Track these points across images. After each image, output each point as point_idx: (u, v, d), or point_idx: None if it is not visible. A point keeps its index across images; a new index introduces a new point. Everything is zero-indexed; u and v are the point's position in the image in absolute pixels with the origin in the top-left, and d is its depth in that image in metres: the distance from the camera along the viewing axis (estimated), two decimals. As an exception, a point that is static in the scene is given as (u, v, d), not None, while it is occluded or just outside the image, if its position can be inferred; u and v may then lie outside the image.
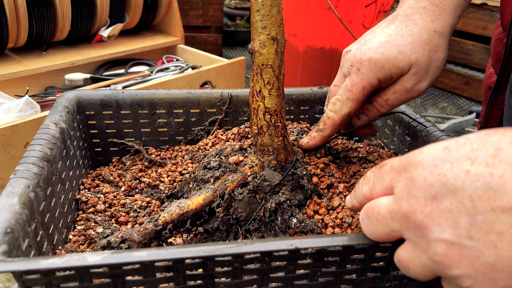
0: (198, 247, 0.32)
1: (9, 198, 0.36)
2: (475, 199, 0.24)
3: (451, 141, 0.27)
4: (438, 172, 0.26)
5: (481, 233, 0.24)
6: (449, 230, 0.25)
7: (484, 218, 0.24)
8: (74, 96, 0.57)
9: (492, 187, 0.23)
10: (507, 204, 0.23)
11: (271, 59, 0.40)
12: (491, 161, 0.24)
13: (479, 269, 0.24)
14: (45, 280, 0.31)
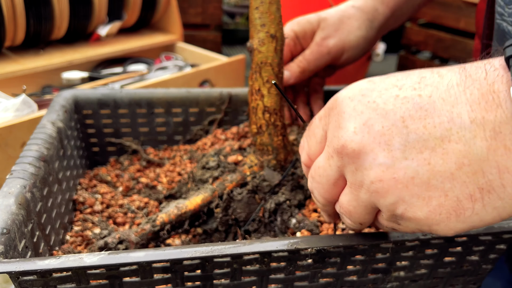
0: (196, 248, 0.31)
1: (5, 198, 0.36)
2: (407, 119, 0.24)
3: (375, 77, 0.27)
4: (367, 100, 0.26)
5: (414, 152, 0.24)
6: (383, 154, 0.24)
7: (417, 137, 0.24)
8: (71, 95, 0.57)
9: (422, 106, 0.24)
10: (438, 119, 0.23)
11: (270, 57, 0.39)
12: (418, 86, 0.25)
13: (413, 191, 0.24)
14: (41, 281, 0.31)
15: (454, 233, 0.25)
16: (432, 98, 0.24)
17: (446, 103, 0.23)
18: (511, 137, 0.22)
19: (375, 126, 0.25)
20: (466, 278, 0.43)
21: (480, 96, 0.23)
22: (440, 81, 0.24)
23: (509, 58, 0.23)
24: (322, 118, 0.29)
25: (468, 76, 0.24)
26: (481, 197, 0.23)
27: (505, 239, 0.40)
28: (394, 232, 0.35)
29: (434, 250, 0.38)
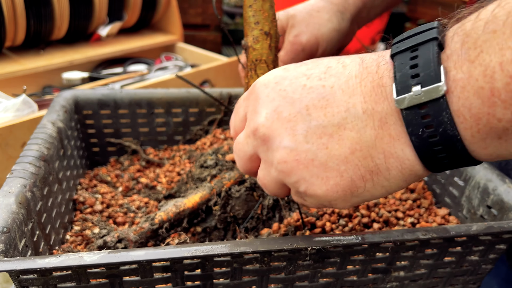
0: (196, 247, 0.31)
1: (6, 197, 0.36)
2: (310, 108, 0.27)
3: (291, 64, 0.30)
4: (279, 88, 0.28)
5: (315, 137, 0.27)
6: (288, 138, 0.27)
7: (318, 123, 0.26)
8: (71, 95, 0.57)
9: (324, 96, 0.27)
10: (337, 109, 0.26)
11: (264, 54, 0.40)
12: (323, 76, 0.27)
13: (313, 172, 0.27)
14: (42, 280, 0.31)
15: (350, 207, 0.29)
16: (334, 89, 0.26)
17: (344, 93, 0.26)
18: (395, 127, 0.25)
19: (283, 112, 0.28)
20: (466, 278, 0.43)
21: (371, 89, 0.25)
22: (342, 72, 0.27)
23: (393, 55, 0.25)
24: (244, 99, 0.32)
25: (365, 68, 0.26)
26: (371, 178, 0.26)
27: (504, 239, 0.40)
28: (393, 232, 0.35)
29: (434, 250, 0.38)
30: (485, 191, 0.45)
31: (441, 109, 0.23)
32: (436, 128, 0.23)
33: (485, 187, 0.46)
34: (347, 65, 0.27)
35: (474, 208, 0.47)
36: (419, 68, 0.23)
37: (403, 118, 0.24)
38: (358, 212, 0.48)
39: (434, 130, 0.23)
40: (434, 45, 0.23)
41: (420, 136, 0.24)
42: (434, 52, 0.23)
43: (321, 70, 0.28)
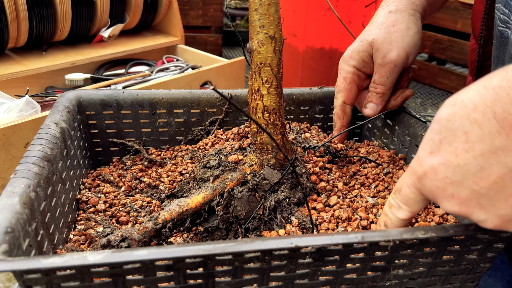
0: (198, 246, 0.32)
1: (10, 197, 0.36)
2: (479, 182, 0.28)
3: (430, 143, 0.31)
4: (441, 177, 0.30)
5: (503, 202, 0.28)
6: (482, 213, 0.30)
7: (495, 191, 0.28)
8: (74, 96, 0.57)
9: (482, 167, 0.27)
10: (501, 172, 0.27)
11: (269, 57, 0.40)
12: (467, 146, 0.28)
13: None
14: (45, 280, 0.31)
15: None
16: (485, 157, 0.27)
17: (498, 155, 0.27)
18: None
19: (460, 195, 0.30)
20: (464, 277, 0.44)
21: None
22: (482, 135, 0.27)
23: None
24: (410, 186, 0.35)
25: (503, 120, 0.26)
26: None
27: (503, 238, 0.40)
28: (393, 231, 0.35)
29: (433, 248, 0.39)
30: (484, 191, 0.46)
31: None
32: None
33: (483, 187, 0.46)
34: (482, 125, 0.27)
35: (473, 208, 0.48)
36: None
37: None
38: (357, 215, 0.49)
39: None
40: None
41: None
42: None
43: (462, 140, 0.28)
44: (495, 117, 0.26)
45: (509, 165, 0.26)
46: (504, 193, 0.27)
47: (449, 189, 0.30)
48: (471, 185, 0.28)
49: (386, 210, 0.38)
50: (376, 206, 0.51)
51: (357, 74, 0.58)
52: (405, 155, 0.62)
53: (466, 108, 0.28)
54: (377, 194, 0.54)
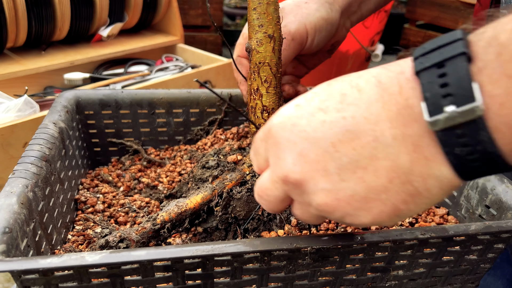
0: (197, 246, 0.32)
1: (8, 197, 0.36)
2: (337, 144, 0.26)
3: (300, 98, 0.28)
4: (298, 129, 0.27)
5: (349, 173, 0.26)
6: (322, 180, 0.26)
7: (349, 159, 0.25)
8: (73, 95, 0.57)
9: (348, 129, 0.25)
10: (365, 140, 0.25)
11: (268, 57, 0.40)
12: (340, 106, 0.26)
13: (355, 206, 0.26)
14: (43, 280, 0.31)
15: (396, 223, 0.29)
16: (356, 119, 0.25)
17: (368, 121, 0.25)
18: (429, 148, 0.23)
19: (309, 155, 0.26)
20: (465, 277, 0.43)
21: (397, 112, 0.24)
22: (360, 98, 0.25)
23: (419, 72, 0.23)
24: (261, 140, 0.30)
25: (384, 90, 0.25)
26: (413, 200, 0.26)
27: (503, 239, 0.40)
28: (392, 231, 0.35)
29: (433, 249, 0.38)
30: (484, 191, 0.46)
31: (478, 128, 0.22)
32: (473, 146, 0.22)
33: (483, 187, 0.46)
34: (362, 89, 0.26)
35: (473, 208, 0.47)
36: (450, 87, 0.22)
37: (438, 139, 0.23)
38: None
39: (472, 148, 0.22)
40: (463, 60, 0.22)
41: (457, 155, 0.23)
42: (465, 69, 0.22)
43: (336, 100, 0.26)
44: (378, 85, 0.25)
45: (376, 134, 0.25)
46: (357, 163, 0.25)
47: (301, 144, 0.27)
48: (327, 146, 0.26)
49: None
50: None
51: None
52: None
53: (350, 76, 0.27)
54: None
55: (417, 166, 0.24)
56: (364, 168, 0.25)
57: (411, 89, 0.24)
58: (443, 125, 0.22)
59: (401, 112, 0.24)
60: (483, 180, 0.46)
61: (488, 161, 0.22)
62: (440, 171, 0.24)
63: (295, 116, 0.27)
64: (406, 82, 0.24)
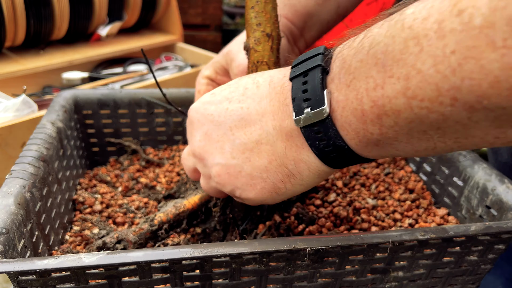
0: (195, 248, 0.31)
1: (5, 198, 0.36)
2: (233, 128, 0.31)
3: (217, 88, 0.34)
4: (207, 113, 0.33)
5: (239, 153, 0.31)
6: (218, 156, 0.32)
7: (240, 141, 0.31)
8: (71, 95, 0.57)
9: (243, 117, 0.31)
10: (253, 127, 0.31)
11: (266, 56, 0.39)
12: (241, 98, 0.32)
13: (242, 181, 0.32)
14: (40, 281, 0.31)
15: (279, 201, 0.34)
16: (249, 110, 0.31)
17: (258, 113, 0.31)
18: (298, 139, 0.29)
19: (212, 135, 0.32)
20: (465, 278, 0.43)
21: (278, 108, 0.30)
22: (256, 93, 0.31)
23: (292, 78, 0.29)
24: (188, 124, 0.36)
25: (273, 88, 0.31)
26: (289, 180, 0.31)
27: (503, 239, 0.40)
28: (392, 232, 0.35)
29: (433, 250, 0.38)
30: (484, 191, 0.45)
31: (328, 126, 0.27)
32: (327, 141, 0.27)
33: (484, 187, 0.46)
34: (260, 86, 0.31)
35: (473, 208, 0.47)
36: (308, 93, 0.27)
37: (302, 133, 0.28)
38: (359, 216, 0.48)
39: (327, 142, 0.27)
40: (318, 72, 0.27)
41: (317, 147, 0.28)
42: (319, 79, 0.27)
43: (239, 93, 0.32)
44: (270, 84, 0.31)
45: (262, 124, 0.30)
46: (246, 146, 0.31)
47: (207, 125, 0.33)
48: (226, 129, 0.32)
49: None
50: (376, 208, 0.50)
51: (210, 85, 0.54)
52: (404, 155, 0.62)
53: (256, 74, 0.33)
54: (378, 195, 0.53)
55: (290, 151, 0.30)
56: (251, 150, 0.31)
57: (288, 91, 0.29)
58: (303, 123, 0.27)
59: (280, 108, 0.30)
60: (483, 180, 0.46)
61: (341, 153, 0.27)
62: (308, 157, 0.29)
63: (208, 102, 0.33)
64: (286, 85, 0.30)
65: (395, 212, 0.50)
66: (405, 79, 0.22)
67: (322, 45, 0.29)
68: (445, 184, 0.53)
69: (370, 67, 0.24)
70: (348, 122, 0.26)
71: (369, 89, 0.24)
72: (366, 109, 0.25)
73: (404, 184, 0.56)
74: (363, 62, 0.24)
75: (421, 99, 0.22)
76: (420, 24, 0.21)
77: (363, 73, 0.24)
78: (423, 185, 0.56)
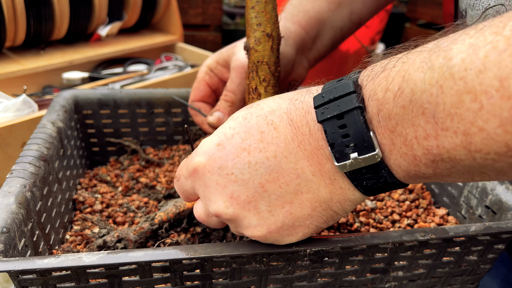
0: (195, 248, 0.31)
1: (5, 197, 0.36)
2: (264, 184, 0.28)
3: (219, 135, 0.29)
4: (226, 173, 0.28)
5: (278, 209, 0.29)
6: (254, 218, 0.29)
7: (276, 196, 0.28)
8: (71, 95, 0.57)
9: (273, 169, 0.28)
10: (288, 177, 0.28)
11: (266, 56, 0.40)
12: (261, 145, 0.28)
13: (284, 233, 0.30)
14: (41, 280, 0.31)
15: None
16: (278, 159, 0.28)
17: (289, 161, 0.27)
18: (343, 181, 0.27)
19: (241, 196, 0.29)
20: (464, 278, 0.43)
21: (311, 152, 0.27)
22: (278, 137, 0.28)
23: (322, 121, 0.26)
24: (187, 178, 0.32)
25: (297, 129, 0.27)
26: (332, 219, 0.30)
27: (503, 239, 0.40)
28: (392, 233, 0.35)
29: (433, 250, 0.38)
30: (484, 191, 0.46)
31: (380, 168, 0.25)
32: (377, 180, 0.26)
33: (483, 187, 0.46)
34: (278, 127, 0.28)
35: (473, 208, 0.47)
36: (351, 138, 0.25)
37: (347, 176, 0.27)
38: (357, 218, 0.48)
39: (376, 181, 0.26)
40: (359, 115, 0.25)
41: (364, 186, 0.27)
42: (362, 122, 0.25)
43: (256, 139, 0.28)
44: (291, 124, 0.28)
45: (298, 172, 0.27)
46: (284, 199, 0.28)
47: (231, 187, 0.29)
48: (256, 187, 0.28)
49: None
50: (374, 210, 0.50)
51: (208, 74, 0.53)
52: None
53: (263, 110, 0.29)
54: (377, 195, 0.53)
55: (335, 195, 0.28)
56: (291, 202, 0.28)
57: (319, 132, 0.27)
58: (349, 168, 0.26)
59: (314, 152, 0.27)
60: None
61: (389, 187, 0.27)
62: (353, 195, 0.28)
63: (220, 158, 0.29)
64: (313, 124, 0.27)
65: (393, 213, 0.50)
66: (464, 135, 0.21)
67: (348, 80, 0.26)
68: (444, 184, 0.53)
69: (416, 116, 0.22)
70: (397, 164, 0.25)
71: (419, 138, 0.23)
72: (418, 155, 0.23)
73: (404, 184, 0.56)
74: (406, 109, 0.23)
75: (487, 152, 0.21)
76: (476, 79, 0.19)
77: (408, 120, 0.23)
78: (423, 185, 0.56)
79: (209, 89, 0.54)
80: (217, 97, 0.55)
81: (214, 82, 0.54)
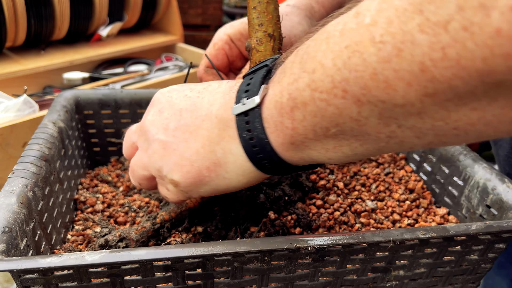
0: (197, 246, 0.32)
1: (7, 197, 0.36)
2: (183, 111, 0.33)
3: (191, 84, 0.36)
4: (168, 95, 0.35)
5: (180, 133, 0.33)
6: (161, 131, 0.33)
7: (185, 122, 0.33)
8: (72, 95, 0.57)
9: (195, 103, 0.33)
10: (200, 112, 0.32)
11: (268, 56, 0.40)
12: (202, 90, 0.34)
13: (173, 159, 0.33)
14: (43, 280, 0.31)
15: (205, 195, 0.35)
16: (203, 99, 0.33)
17: (209, 103, 0.32)
18: (233, 130, 0.31)
19: (164, 113, 0.34)
20: (465, 277, 0.43)
21: (226, 101, 0.32)
22: (215, 89, 0.33)
23: (244, 76, 0.32)
24: (134, 133, 0.38)
25: (230, 87, 0.32)
26: (214, 169, 0.32)
27: (504, 238, 0.40)
28: (393, 231, 0.35)
29: (434, 249, 0.38)
30: (484, 191, 0.46)
31: (256, 116, 0.29)
32: (253, 131, 0.29)
33: (484, 187, 0.46)
34: (222, 84, 0.33)
35: (474, 208, 0.47)
36: (249, 86, 0.30)
37: (235, 123, 0.30)
38: (358, 219, 0.48)
39: (252, 133, 0.29)
40: (263, 70, 0.30)
41: (244, 137, 0.30)
42: (261, 75, 0.30)
43: (203, 87, 0.34)
44: (229, 83, 0.33)
45: (208, 112, 0.32)
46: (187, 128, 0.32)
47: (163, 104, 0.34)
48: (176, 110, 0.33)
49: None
50: (375, 211, 0.50)
51: (228, 43, 0.50)
52: (405, 154, 0.62)
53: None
54: (378, 195, 0.53)
55: (222, 140, 0.31)
56: (191, 132, 0.32)
57: (236, 87, 0.32)
58: (238, 111, 0.30)
59: (227, 102, 0.31)
60: (484, 180, 0.46)
61: (262, 147, 0.29)
62: (236, 149, 0.31)
63: (173, 88, 0.36)
64: (239, 83, 0.32)
65: (393, 213, 0.50)
66: (312, 72, 0.25)
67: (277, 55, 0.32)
68: (445, 184, 0.53)
69: (295, 65, 0.26)
70: (271, 114, 0.28)
71: (289, 83, 0.27)
72: (283, 102, 0.27)
73: (404, 183, 0.56)
74: (293, 62, 0.27)
75: (321, 90, 0.24)
76: (332, 26, 0.24)
77: (289, 69, 0.27)
78: (423, 184, 0.56)
79: (226, 60, 0.52)
80: (231, 70, 0.53)
81: (234, 54, 0.52)
